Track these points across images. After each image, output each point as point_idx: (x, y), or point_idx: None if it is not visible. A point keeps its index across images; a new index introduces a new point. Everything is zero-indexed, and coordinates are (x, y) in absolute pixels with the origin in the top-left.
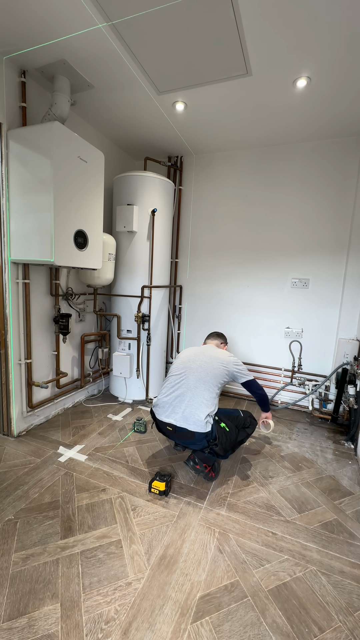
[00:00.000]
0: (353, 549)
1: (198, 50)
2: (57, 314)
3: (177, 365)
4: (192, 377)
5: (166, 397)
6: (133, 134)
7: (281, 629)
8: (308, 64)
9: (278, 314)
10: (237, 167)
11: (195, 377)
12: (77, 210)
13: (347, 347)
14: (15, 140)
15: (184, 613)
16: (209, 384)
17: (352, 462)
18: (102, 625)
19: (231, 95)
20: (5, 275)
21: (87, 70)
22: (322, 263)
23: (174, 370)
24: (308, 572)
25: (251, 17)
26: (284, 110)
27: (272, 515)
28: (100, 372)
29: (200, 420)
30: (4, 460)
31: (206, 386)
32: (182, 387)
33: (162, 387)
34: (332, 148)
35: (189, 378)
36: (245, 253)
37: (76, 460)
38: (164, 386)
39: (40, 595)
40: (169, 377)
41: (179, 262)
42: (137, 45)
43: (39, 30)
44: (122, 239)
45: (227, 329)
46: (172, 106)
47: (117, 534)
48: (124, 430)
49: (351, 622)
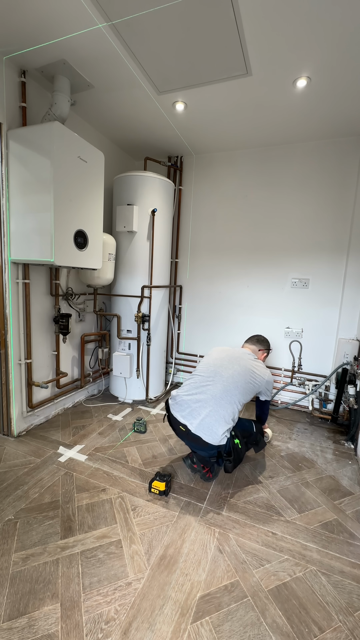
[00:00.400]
0: (353, 549)
1: (198, 50)
2: (57, 314)
3: (206, 365)
4: (219, 385)
5: (187, 396)
6: (133, 134)
7: (281, 629)
8: (308, 64)
9: (278, 314)
10: (237, 167)
11: (223, 388)
12: (77, 210)
13: (347, 347)
14: (15, 140)
15: (184, 613)
16: (236, 398)
17: (352, 462)
18: (102, 625)
19: (231, 95)
20: (5, 275)
21: (87, 70)
22: (322, 263)
23: (201, 370)
24: (308, 572)
25: (251, 17)
26: (284, 110)
27: (272, 515)
28: (100, 372)
29: (218, 435)
30: (4, 460)
31: (232, 400)
32: (206, 392)
33: (185, 384)
34: (332, 148)
35: (216, 386)
36: (245, 253)
37: (76, 460)
38: (187, 383)
39: (40, 595)
40: (194, 376)
41: (179, 262)
42: (137, 45)
43: (39, 30)
44: (122, 239)
45: (227, 329)
46: (172, 106)
47: (117, 534)
48: (124, 430)
49: (351, 622)
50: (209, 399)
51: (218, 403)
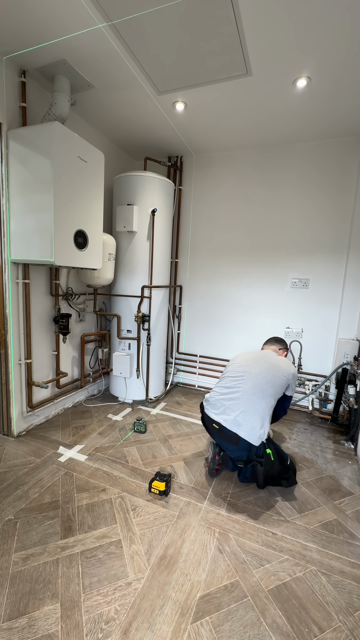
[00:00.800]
0: (353, 549)
1: (198, 50)
2: (57, 314)
3: (234, 367)
4: (250, 382)
5: (220, 396)
6: (133, 134)
7: (281, 629)
8: (308, 63)
9: (278, 314)
10: (237, 167)
11: (254, 383)
12: (77, 210)
13: (347, 347)
14: (15, 140)
15: (184, 613)
16: (268, 392)
17: (352, 462)
18: (102, 625)
19: (231, 95)
20: (5, 275)
21: (87, 70)
22: (322, 263)
23: (230, 371)
24: (308, 572)
25: (251, 17)
26: (284, 110)
27: (272, 515)
28: (100, 372)
29: (256, 429)
30: (4, 460)
31: (264, 394)
32: (238, 390)
33: (216, 386)
34: (332, 148)
35: (247, 383)
36: (245, 253)
37: (76, 460)
38: (218, 385)
39: (40, 595)
40: (223, 378)
41: (179, 262)
42: (137, 45)
43: (39, 30)
44: (122, 239)
45: (227, 329)
46: (172, 106)
47: (117, 534)
48: (124, 430)
49: (351, 622)
50: (241, 396)
51: (250, 399)
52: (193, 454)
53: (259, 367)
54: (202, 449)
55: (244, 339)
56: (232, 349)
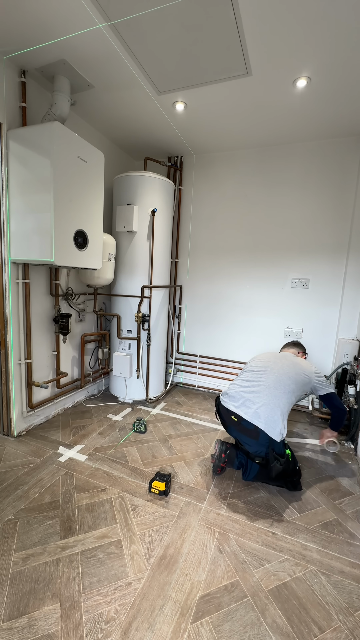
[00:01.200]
0: (353, 549)
1: (198, 50)
2: (57, 314)
3: (255, 362)
4: (272, 377)
5: (240, 389)
6: (133, 134)
7: (281, 629)
8: (308, 64)
9: (278, 314)
10: (237, 167)
11: (276, 378)
12: (77, 210)
13: (347, 347)
14: (15, 140)
15: (184, 613)
16: (289, 388)
17: (352, 462)
18: (102, 625)
19: (231, 95)
20: (5, 275)
21: (87, 70)
22: (322, 263)
23: (251, 366)
24: (308, 572)
25: (251, 17)
26: (284, 110)
27: (272, 515)
28: (100, 372)
29: (277, 422)
30: (4, 460)
31: (285, 390)
32: (260, 384)
33: (236, 379)
34: (332, 148)
35: (269, 377)
36: (245, 253)
37: (76, 460)
38: (238, 378)
39: (40, 595)
40: (244, 372)
41: (179, 262)
42: (137, 45)
43: (39, 30)
44: (122, 239)
45: (227, 329)
46: (172, 106)
47: (117, 534)
48: (124, 430)
49: (351, 622)
50: (263, 389)
51: (272, 393)
52: (193, 454)
53: (280, 364)
54: (202, 449)
55: (244, 339)
56: (232, 349)
